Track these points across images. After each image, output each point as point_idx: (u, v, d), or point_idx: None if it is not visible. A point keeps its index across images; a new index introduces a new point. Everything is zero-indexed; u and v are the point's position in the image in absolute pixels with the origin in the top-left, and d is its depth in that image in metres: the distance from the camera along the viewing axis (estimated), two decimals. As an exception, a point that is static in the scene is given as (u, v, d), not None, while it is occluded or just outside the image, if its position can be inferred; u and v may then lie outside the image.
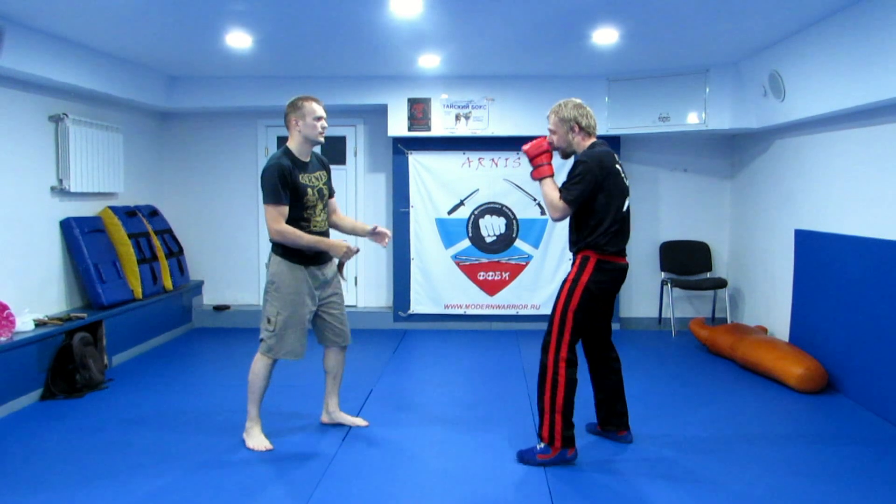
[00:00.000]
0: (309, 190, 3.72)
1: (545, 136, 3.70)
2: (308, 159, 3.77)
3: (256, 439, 3.77)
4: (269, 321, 3.72)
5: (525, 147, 3.70)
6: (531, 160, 3.69)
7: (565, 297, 3.50)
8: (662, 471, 3.50)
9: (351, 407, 4.46)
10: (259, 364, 3.74)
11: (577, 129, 3.60)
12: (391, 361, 5.72)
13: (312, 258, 3.81)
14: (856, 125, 4.70)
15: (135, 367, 5.53)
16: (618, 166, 3.60)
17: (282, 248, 3.76)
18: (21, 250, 5.03)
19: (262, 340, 3.75)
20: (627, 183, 3.66)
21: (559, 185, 3.60)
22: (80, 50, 5.15)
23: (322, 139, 3.73)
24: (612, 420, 3.85)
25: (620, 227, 3.56)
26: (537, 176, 3.67)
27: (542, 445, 3.54)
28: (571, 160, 3.70)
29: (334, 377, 4.07)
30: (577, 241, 3.61)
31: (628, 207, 3.63)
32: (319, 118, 3.69)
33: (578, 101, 3.65)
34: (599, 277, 3.50)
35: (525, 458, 3.58)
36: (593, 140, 3.67)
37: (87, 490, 3.26)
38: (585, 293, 3.48)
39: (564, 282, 3.56)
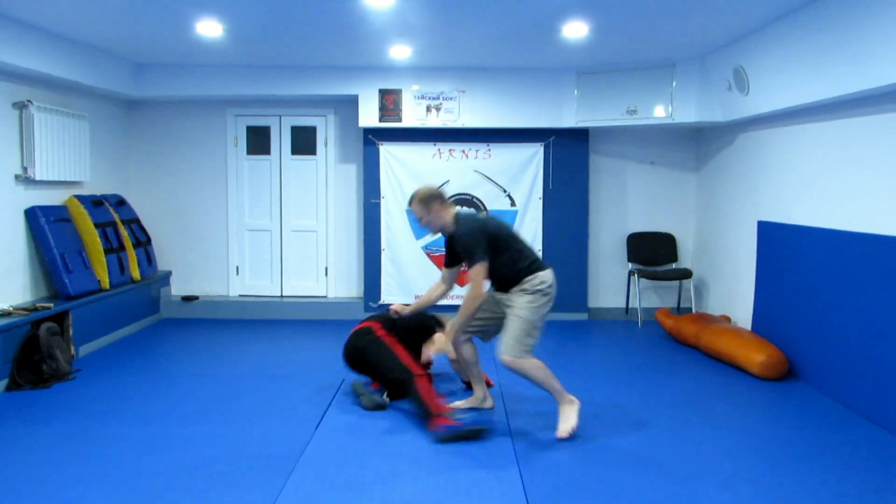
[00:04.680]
0: None
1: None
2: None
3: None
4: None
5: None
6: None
7: None
8: (628, 455, 3.59)
9: (322, 398, 4.50)
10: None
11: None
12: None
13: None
14: (817, 119, 4.84)
15: (102, 357, 5.47)
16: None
17: None
18: (-15, 239, 4.95)
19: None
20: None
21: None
22: (44, 35, 5.06)
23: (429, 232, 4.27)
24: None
25: None
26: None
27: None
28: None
29: None
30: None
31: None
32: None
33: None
34: None
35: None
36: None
37: (55, 481, 3.24)
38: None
39: None
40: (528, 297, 3.80)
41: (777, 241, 5.31)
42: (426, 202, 3.94)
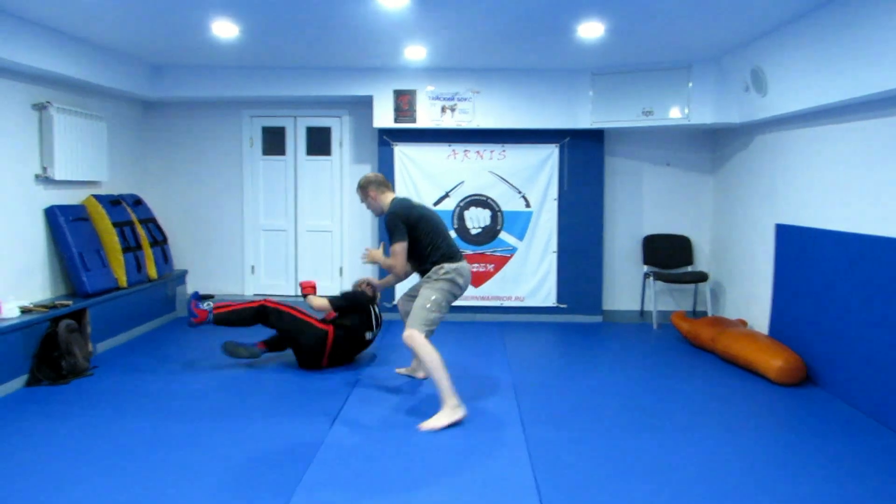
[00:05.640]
0: None
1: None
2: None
3: None
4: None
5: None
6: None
7: None
8: (642, 459, 3.57)
9: (337, 396, 4.51)
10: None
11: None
12: (375, 352, 5.75)
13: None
14: (836, 121, 4.78)
15: (119, 354, 5.53)
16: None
17: None
18: (5, 238, 5.01)
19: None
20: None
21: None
22: (64, 38, 5.12)
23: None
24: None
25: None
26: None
27: None
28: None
29: None
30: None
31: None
32: None
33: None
34: None
35: None
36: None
37: (72, 474, 3.28)
38: None
39: None
40: (433, 282, 4.18)
41: (795, 245, 5.26)
42: (363, 187, 4.42)
